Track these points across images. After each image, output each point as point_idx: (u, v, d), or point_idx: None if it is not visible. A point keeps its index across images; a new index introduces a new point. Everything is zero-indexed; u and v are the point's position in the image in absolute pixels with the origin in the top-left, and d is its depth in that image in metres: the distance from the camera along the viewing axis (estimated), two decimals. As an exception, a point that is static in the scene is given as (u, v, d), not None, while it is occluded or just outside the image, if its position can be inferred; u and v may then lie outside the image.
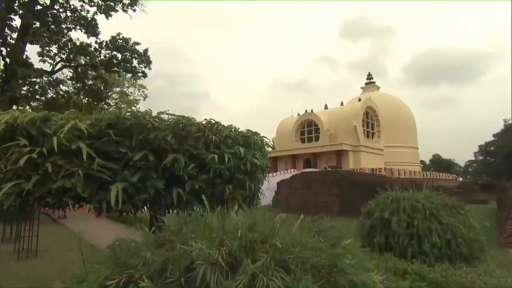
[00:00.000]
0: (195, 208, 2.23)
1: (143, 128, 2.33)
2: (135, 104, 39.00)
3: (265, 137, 3.10)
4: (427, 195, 5.62)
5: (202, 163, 2.48)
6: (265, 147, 3.08)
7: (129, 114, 2.39)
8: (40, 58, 15.12)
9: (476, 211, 5.65)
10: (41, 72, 13.92)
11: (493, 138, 54.54)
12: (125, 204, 2.17)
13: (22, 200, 2.11)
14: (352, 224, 6.25)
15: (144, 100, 39.45)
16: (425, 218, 5.06)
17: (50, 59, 15.60)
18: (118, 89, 37.63)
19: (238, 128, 2.82)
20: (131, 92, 38.83)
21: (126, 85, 37.93)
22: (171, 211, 2.53)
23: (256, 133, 2.94)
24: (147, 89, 39.39)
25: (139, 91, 38.97)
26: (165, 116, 2.47)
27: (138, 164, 2.22)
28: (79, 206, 2.47)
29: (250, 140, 2.74)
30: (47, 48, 15.12)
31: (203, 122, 2.76)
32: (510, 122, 51.86)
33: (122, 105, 37.92)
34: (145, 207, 2.47)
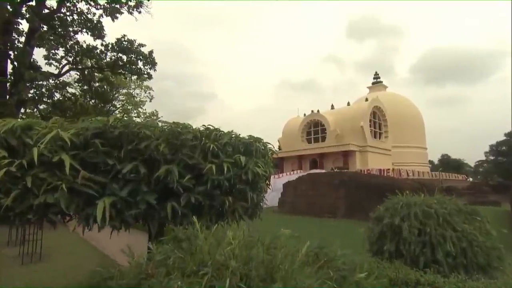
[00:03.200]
0: (191, 222, 2.05)
1: (134, 137, 2.15)
2: (141, 106, 39.38)
3: (268, 143, 2.89)
4: (439, 200, 5.36)
5: (199, 174, 2.26)
6: (269, 153, 2.85)
7: (118, 121, 2.18)
8: (46, 61, 15.25)
9: (488, 214, 5.35)
10: (47, 75, 14.03)
11: (504, 138, 53.17)
12: (113, 220, 1.99)
13: (1, 216, 1.96)
14: (359, 228, 6.01)
15: (150, 101, 39.80)
16: (438, 225, 4.81)
17: (56, 62, 15.73)
18: (124, 90, 38.01)
19: (239, 134, 2.62)
20: (137, 94, 39.21)
21: (132, 86, 38.30)
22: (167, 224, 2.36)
23: (258, 139, 2.72)
24: (153, 91, 39.66)
25: (145, 93, 39.32)
26: (158, 124, 2.26)
27: (127, 176, 2.02)
28: (69, 219, 2.31)
29: (252, 147, 2.52)
30: (53, 51, 15.24)
31: (201, 129, 2.55)
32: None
33: (129, 107, 38.25)
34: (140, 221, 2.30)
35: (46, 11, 16.14)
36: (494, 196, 26.79)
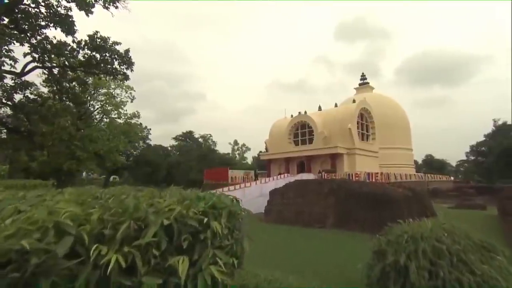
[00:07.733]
0: None
1: None
2: (122, 106, 37.31)
3: (244, 210, 1.72)
4: (449, 230, 4.55)
5: None
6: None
7: None
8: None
9: (477, 220, 4.63)
10: (-1, 74, 12.43)
11: (484, 138, 54.81)
12: None
13: None
14: (350, 240, 5.16)
15: (131, 102, 37.77)
16: (452, 266, 3.97)
17: (10, 59, 14.06)
18: (104, 90, 35.94)
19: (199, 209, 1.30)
20: (117, 94, 37.13)
21: (113, 86, 36.25)
22: None
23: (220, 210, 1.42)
24: (134, 91, 37.79)
25: (126, 93, 37.33)
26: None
27: None
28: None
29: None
30: (6, 47, 13.58)
31: None
32: (500, 122, 52.26)
33: (108, 107, 36.04)
34: None
35: (6, 1, 14.46)
36: (479, 199, 27.00)
